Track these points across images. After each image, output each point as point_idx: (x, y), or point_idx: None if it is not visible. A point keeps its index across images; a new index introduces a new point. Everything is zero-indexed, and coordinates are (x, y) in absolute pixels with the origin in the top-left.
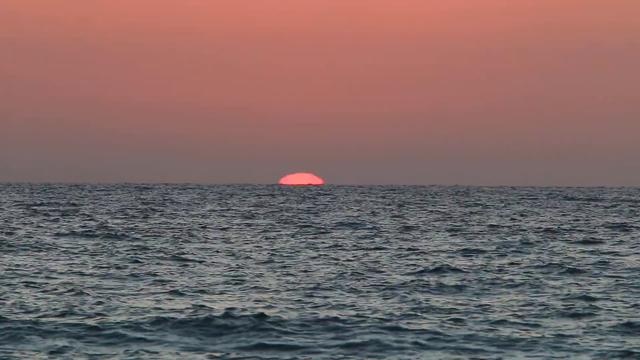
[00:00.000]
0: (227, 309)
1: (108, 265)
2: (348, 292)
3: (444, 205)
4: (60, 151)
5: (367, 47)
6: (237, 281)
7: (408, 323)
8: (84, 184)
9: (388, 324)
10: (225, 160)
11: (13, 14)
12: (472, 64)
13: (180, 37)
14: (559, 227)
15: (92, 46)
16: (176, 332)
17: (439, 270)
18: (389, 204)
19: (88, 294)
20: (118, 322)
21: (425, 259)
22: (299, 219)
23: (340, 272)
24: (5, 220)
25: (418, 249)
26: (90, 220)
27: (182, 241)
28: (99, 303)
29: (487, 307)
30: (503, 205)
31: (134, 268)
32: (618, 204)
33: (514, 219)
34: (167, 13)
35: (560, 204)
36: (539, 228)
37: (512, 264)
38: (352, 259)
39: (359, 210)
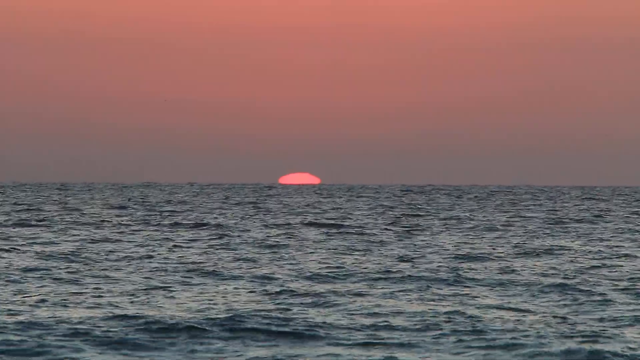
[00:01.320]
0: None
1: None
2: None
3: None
4: (55, 148)
5: (367, 45)
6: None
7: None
8: (74, 182)
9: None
10: (226, 159)
11: (12, 8)
12: (471, 59)
13: (178, 33)
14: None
15: (92, 41)
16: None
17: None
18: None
19: None
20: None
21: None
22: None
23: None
24: None
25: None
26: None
27: None
28: None
29: None
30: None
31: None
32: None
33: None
34: (167, 7)
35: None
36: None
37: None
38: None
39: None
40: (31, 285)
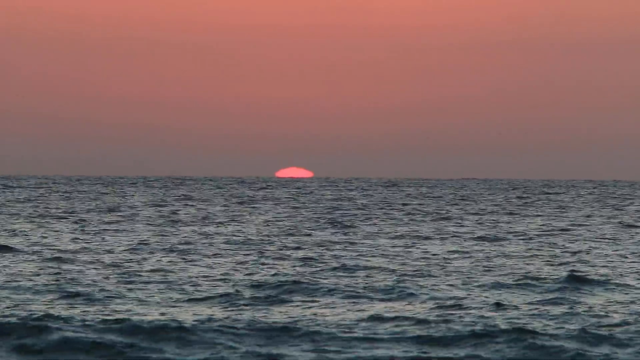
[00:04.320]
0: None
1: None
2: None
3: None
4: (52, 145)
5: (361, 40)
6: None
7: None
8: (76, 176)
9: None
10: (220, 153)
11: (13, 7)
12: (465, 55)
13: (174, 31)
14: None
15: (88, 40)
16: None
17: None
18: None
19: None
20: None
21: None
22: None
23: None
24: None
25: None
26: None
27: None
28: None
29: None
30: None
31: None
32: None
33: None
34: (159, 5)
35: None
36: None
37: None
38: None
39: None
40: None
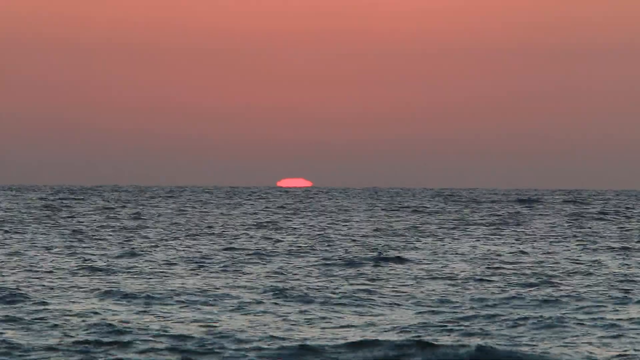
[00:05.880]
0: None
1: None
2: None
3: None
4: (53, 152)
5: (359, 49)
6: None
7: None
8: (74, 185)
9: None
10: (222, 162)
11: (14, 11)
12: (467, 61)
13: (173, 37)
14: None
15: (89, 44)
16: None
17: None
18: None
19: None
20: None
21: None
22: None
23: None
24: None
25: None
26: None
27: None
28: None
29: None
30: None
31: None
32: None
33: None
34: (159, 11)
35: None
36: None
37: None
38: None
39: None
40: None
